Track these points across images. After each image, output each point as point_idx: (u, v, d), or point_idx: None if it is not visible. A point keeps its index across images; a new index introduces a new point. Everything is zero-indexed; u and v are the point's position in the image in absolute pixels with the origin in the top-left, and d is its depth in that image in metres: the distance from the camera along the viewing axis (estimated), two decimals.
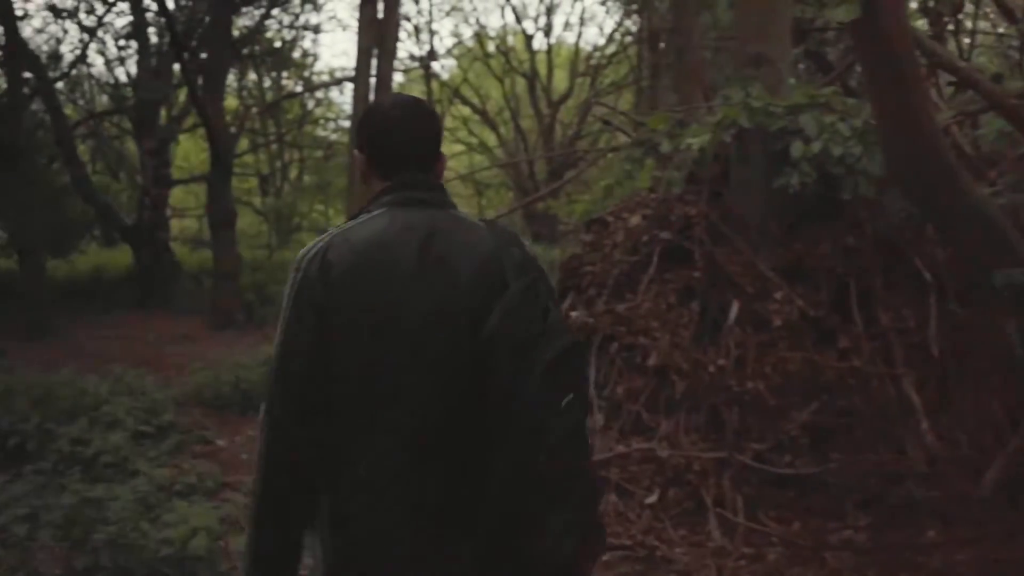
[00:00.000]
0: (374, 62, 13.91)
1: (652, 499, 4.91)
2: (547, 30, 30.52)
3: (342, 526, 1.84)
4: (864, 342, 5.16)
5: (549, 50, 30.63)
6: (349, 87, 35.43)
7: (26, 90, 17.85)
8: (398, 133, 2.02)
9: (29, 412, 6.67)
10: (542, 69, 30.08)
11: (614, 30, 28.53)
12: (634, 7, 22.60)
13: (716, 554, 4.54)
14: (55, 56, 14.19)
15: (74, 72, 20.67)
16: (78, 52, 17.90)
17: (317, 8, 23.34)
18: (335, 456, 1.83)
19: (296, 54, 25.20)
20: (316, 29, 26.05)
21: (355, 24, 36.81)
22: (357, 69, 13.68)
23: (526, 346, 1.71)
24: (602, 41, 30.33)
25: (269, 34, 22.24)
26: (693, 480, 4.91)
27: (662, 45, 22.64)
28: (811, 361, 5.11)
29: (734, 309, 5.22)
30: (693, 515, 4.87)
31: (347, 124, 27.58)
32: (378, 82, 14.01)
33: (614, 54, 29.08)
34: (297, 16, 23.20)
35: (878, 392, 5.06)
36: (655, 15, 19.38)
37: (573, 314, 5.68)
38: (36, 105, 17.65)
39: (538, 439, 1.67)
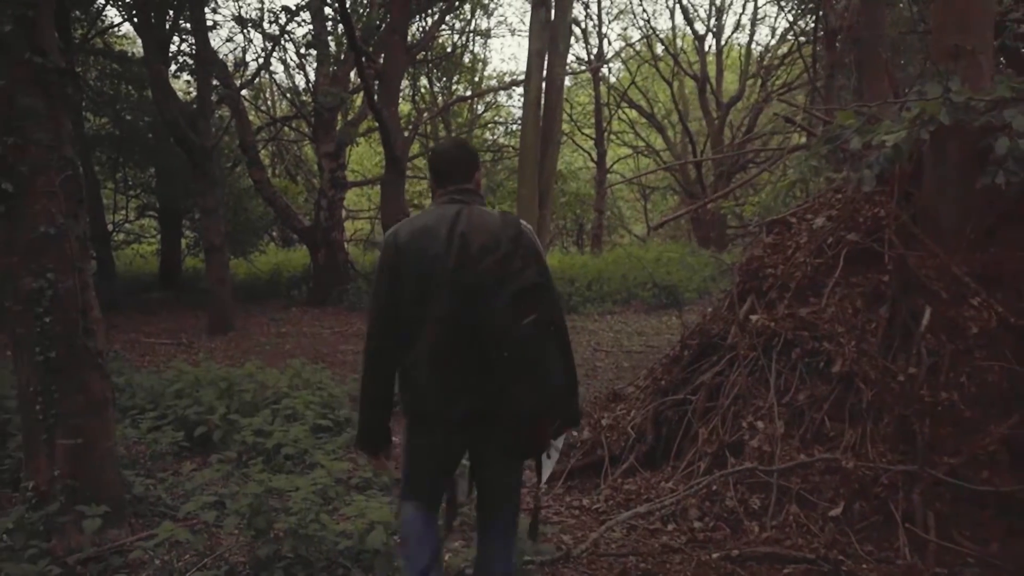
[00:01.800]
0: (544, 65, 13.92)
1: (836, 511, 4.69)
2: (717, 31, 29.94)
3: (409, 383, 3.27)
4: None
5: (719, 52, 30.09)
6: (518, 90, 35.92)
7: (214, 97, 18.79)
8: (443, 164, 3.47)
9: (215, 403, 6.93)
10: (711, 71, 29.55)
11: (787, 30, 27.80)
12: (810, 5, 21.93)
13: (906, 572, 4.30)
14: (240, 64, 14.80)
15: (257, 80, 21.57)
16: (261, 60, 18.64)
17: (488, 13, 23.62)
18: (404, 348, 3.25)
19: (466, 59, 25.62)
20: (486, 34, 26.45)
21: (524, 28, 37.23)
22: (528, 72, 13.71)
23: (502, 282, 3.05)
24: (774, 41, 29.58)
25: (441, 39, 22.68)
26: (881, 493, 4.66)
27: (838, 44, 21.99)
28: (1011, 371, 4.77)
29: (926, 315, 4.93)
30: (880, 530, 4.62)
31: (517, 127, 27.85)
32: (548, 84, 14.02)
33: (787, 54, 28.37)
34: (468, 21, 23.57)
35: None
36: (832, 13, 18.76)
37: (753, 317, 5.50)
38: (222, 111, 18.53)
39: (505, 339, 3.01)
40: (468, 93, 27.76)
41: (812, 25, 24.27)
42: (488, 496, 3.50)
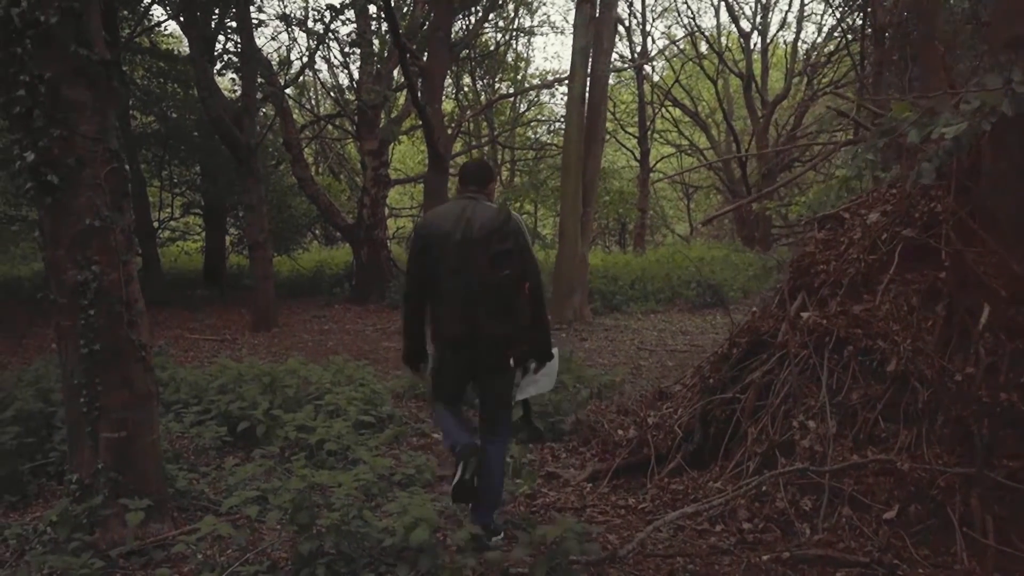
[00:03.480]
0: (589, 62, 13.82)
1: (891, 515, 4.55)
2: (763, 29, 29.61)
3: (434, 316, 4.65)
4: None
5: (764, 50, 29.77)
6: (560, 89, 35.85)
7: (259, 95, 18.88)
8: (467, 173, 4.92)
9: (258, 399, 6.91)
10: (757, 69, 29.24)
11: (834, 27, 27.45)
12: (858, 2, 21.65)
13: None
14: (285, 62, 14.84)
15: (302, 79, 21.66)
16: (306, 59, 18.68)
17: (531, 11, 23.54)
18: (430, 298, 4.63)
19: (510, 57, 25.55)
20: (530, 32, 26.37)
21: (568, 26, 37.17)
22: (572, 68, 13.63)
23: (487, 249, 4.44)
24: (820, 39, 29.21)
25: (485, 38, 22.64)
26: (937, 496, 4.52)
27: (887, 41, 21.67)
28: None
29: (985, 313, 4.77)
30: (937, 534, 4.48)
31: (559, 125, 27.76)
32: (592, 81, 13.92)
33: (833, 52, 28.02)
34: (512, 19, 23.49)
35: None
36: (881, 9, 18.49)
37: (804, 315, 5.37)
38: (267, 109, 18.62)
39: (485, 286, 4.44)
40: (511, 91, 27.72)
41: (860, 22, 23.99)
42: (485, 400, 4.87)
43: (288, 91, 19.72)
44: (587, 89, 13.83)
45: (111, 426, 4.71)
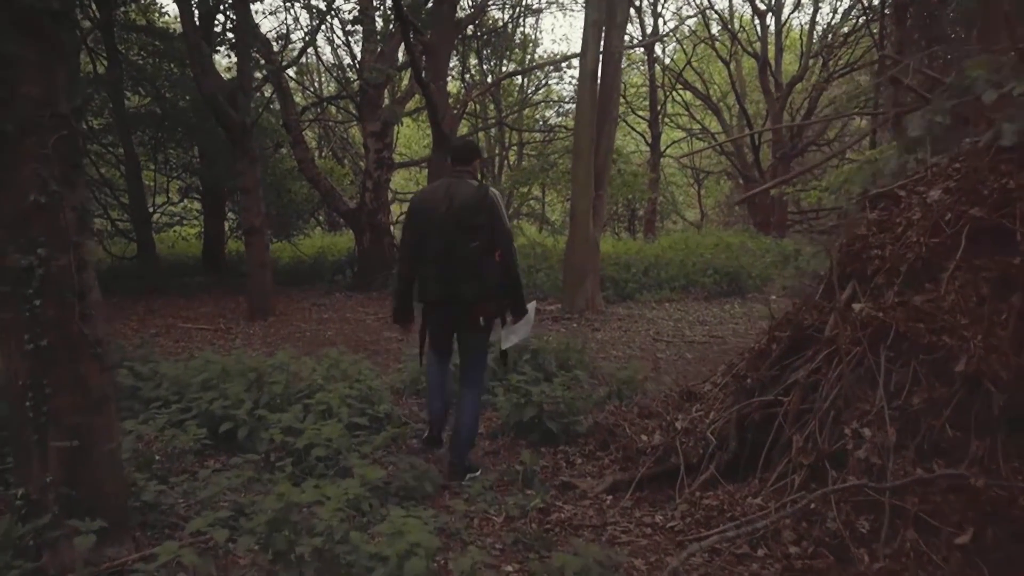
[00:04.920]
0: (602, 37, 13.12)
1: (964, 538, 3.90)
2: (777, 9, 28.83)
3: (421, 281, 5.57)
4: None
5: (779, 31, 29.02)
6: (568, 72, 35.09)
7: (258, 75, 18.19)
8: (454, 152, 5.81)
9: (243, 397, 6.29)
10: (771, 51, 28.51)
11: (851, 6, 26.72)
12: None
13: None
14: (284, 37, 14.14)
15: (303, 61, 20.93)
16: (307, 37, 17.93)
17: None
18: (416, 261, 5.58)
19: (516, 37, 24.85)
20: (536, 12, 25.66)
21: (575, 7, 36.41)
22: (584, 44, 12.93)
23: (462, 221, 5.34)
24: (836, 19, 28.46)
25: (491, 18, 21.95)
26: (1019, 517, 3.87)
27: (909, 19, 20.94)
28: None
29: None
30: (1018, 562, 3.84)
31: (567, 107, 27.08)
32: (605, 58, 13.23)
33: (849, 33, 27.32)
34: None
35: None
36: None
37: (856, 306, 4.69)
38: (265, 90, 17.95)
39: (458, 253, 5.34)
40: (518, 70, 27.01)
41: (877, 1, 23.24)
42: (461, 352, 5.82)
43: (290, 73, 19.08)
44: (600, 65, 13.13)
45: (62, 434, 4.07)
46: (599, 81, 13.14)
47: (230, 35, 14.54)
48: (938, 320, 4.42)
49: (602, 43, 13.11)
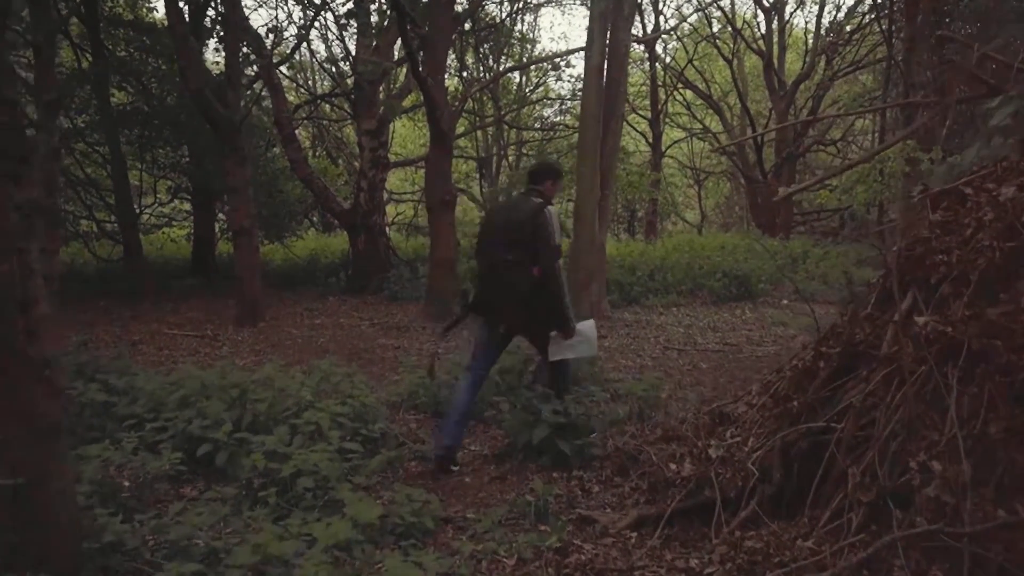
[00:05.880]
0: (608, 29, 12.52)
1: None
2: (779, 6, 28.28)
3: (478, 285, 6.18)
4: None
5: (782, 29, 28.49)
6: (567, 71, 34.39)
7: (250, 71, 17.55)
8: (529, 171, 6.49)
9: (223, 416, 5.69)
10: (775, 49, 27.98)
11: (856, 2, 26.18)
12: None
13: None
14: (275, 30, 13.50)
15: (297, 57, 20.28)
16: (300, 32, 17.26)
17: None
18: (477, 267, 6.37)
19: (515, 34, 24.27)
20: (535, 9, 25.10)
21: (574, 5, 35.76)
22: (589, 36, 12.32)
23: (506, 234, 5.84)
24: (841, 16, 27.90)
25: (489, 14, 21.37)
26: None
27: (920, 15, 20.37)
28: None
29: None
30: None
31: (568, 106, 26.51)
32: (611, 51, 12.63)
33: (855, 30, 26.80)
34: None
35: None
36: None
37: (919, 320, 4.09)
38: (258, 86, 17.34)
39: (497, 265, 5.85)
40: (518, 69, 26.40)
41: None
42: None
43: (284, 70, 18.43)
44: (605, 60, 12.53)
45: (4, 470, 3.48)
46: (605, 76, 12.54)
47: (217, 27, 13.91)
48: (1017, 336, 3.82)
49: (608, 36, 12.52)
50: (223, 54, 13.45)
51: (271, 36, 14.35)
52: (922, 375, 4.02)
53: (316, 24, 18.93)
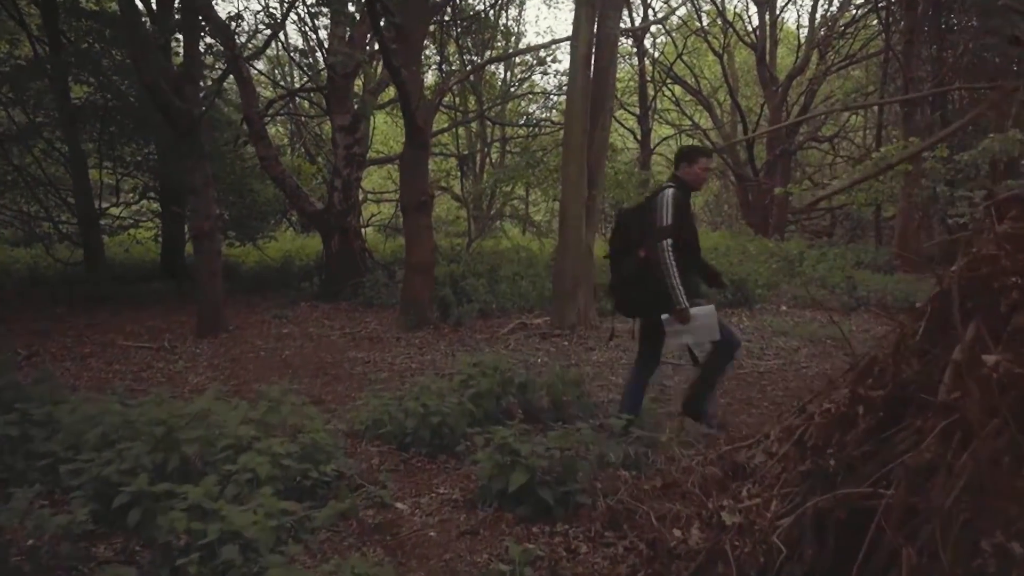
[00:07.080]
0: (596, 17, 11.69)
1: None
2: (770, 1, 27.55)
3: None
4: None
5: (773, 23, 27.76)
6: (552, 67, 33.66)
7: (219, 65, 16.62)
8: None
9: (145, 460, 4.82)
10: (766, 44, 27.28)
11: None
12: None
13: None
14: (238, 17, 12.59)
15: (270, 52, 19.35)
16: (275, 22, 16.31)
17: None
18: None
19: (500, 27, 23.42)
20: (520, 4, 24.26)
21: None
22: (575, 25, 11.50)
23: (627, 223, 6.35)
24: (834, 8, 27.22)
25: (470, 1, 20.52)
26: None
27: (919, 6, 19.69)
28: None
29: None
30: None
31: (554, 101, 25.72)
32: (599, 41, 11.78)
33: (849, 23, 26.13)
34: None
35: None
36: None
37: (988, 358, 3.24)
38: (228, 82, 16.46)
39: (615, 252, 6.37)
40: (501, 63, 25.53)
41: None
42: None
43: (260, 66, 17.54)
44: (593, 50, 11.68)
45: None
46: (592, 67, 11.70)
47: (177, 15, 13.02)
48: None
49: (596, 25, 11.68)
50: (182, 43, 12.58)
51: (234, 24, 13.34)
52: (994, 429, 3.17)
53: (293, 21, 18.02)
